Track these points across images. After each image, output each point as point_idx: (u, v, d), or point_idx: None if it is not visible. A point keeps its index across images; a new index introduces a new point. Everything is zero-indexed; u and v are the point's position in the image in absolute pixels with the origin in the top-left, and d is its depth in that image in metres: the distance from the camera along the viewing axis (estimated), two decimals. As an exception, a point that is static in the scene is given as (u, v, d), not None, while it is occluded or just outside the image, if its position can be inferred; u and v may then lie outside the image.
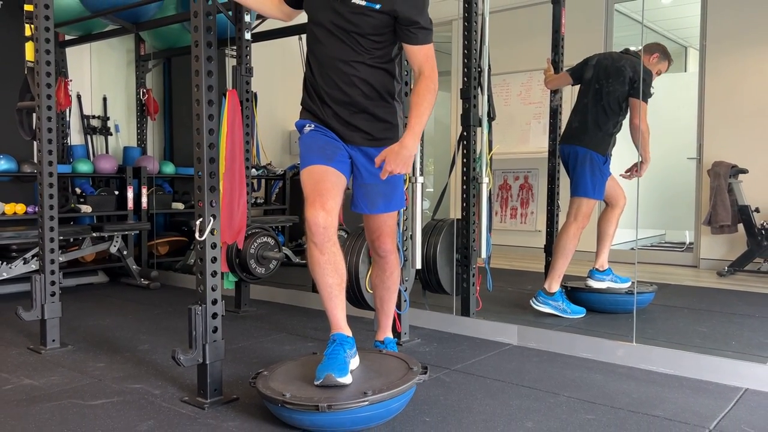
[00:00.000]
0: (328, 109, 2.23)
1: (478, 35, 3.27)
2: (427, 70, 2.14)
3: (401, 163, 2.05)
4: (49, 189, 2.89)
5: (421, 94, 2.11)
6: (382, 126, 2.24)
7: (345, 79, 2.18)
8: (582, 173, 3.52)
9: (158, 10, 4.76)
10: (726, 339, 3.06)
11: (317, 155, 2.19)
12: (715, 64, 5.27)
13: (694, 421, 2.07)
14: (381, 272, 2.50)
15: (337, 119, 2.23)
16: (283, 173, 5.89)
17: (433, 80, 2.13)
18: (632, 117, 3.48)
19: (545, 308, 3.49)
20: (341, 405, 1.87)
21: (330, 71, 2.19)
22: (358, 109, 2.21)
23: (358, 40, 2.15)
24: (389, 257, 2.45)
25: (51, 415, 2.10)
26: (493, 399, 2.26)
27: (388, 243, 2.41)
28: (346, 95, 2.19)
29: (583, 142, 3.52)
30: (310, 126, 2.26)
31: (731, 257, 5.01)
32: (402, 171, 2.07)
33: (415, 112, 2.10)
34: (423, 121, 2.10)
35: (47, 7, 2.87)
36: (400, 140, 2.09)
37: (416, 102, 2.11)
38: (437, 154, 8.16)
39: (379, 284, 2.53)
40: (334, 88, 2.20)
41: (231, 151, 3.31)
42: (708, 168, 5.15)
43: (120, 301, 4.09)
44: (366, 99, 2.20)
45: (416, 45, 2.14)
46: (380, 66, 2.20)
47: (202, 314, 2.16)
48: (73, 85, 5.01)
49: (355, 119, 2.22)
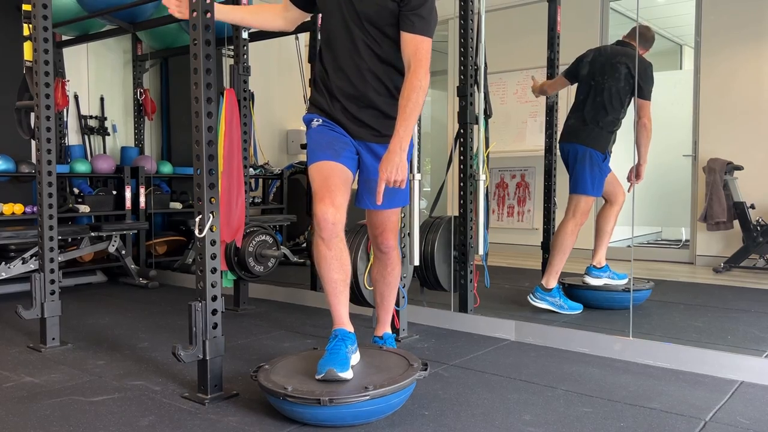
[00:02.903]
0: (337, 103, 2.22)
1: (475, 33, 3.29)
2: (415, 64, 2.05)
3: (394, 171, 2.00)
4: (48, 188, 2.90)
5: (405, 94, 2.04)
6: (389, 123, 2.17)
7: (356, 73, 2.17)
8: (581, 170, 3.53)
9: (155, 10, 4.77)
10: (722, 333, 3.09)
11: (325, 151, 2.19)
12: (710, 62, 5.30)
13: (691, 413, 2.09)
14: (382, 268, 2.50)
15: (345, 114, 2.22)
16: (280, 173, 5.91)
17: (418, 77, 2.04)
18: (641, 117, 3.48)
19: (542, 304, 3.51)
20: (343, 399, 1.89)
21: (343, 63, 2.18)
22: (367, 104, 2.21)
23: (369, 31, 2.14)
24: (391, 253, 2.45)
25: (52, 411, 2.11)
26: (491, 393, 2.28)
27: (391, 239, 2.41)
28: (356, 89, 2.19)
29: (582, 140, 3.53)
30: (318, 121, 2.26)
31: (727, 254, 5.04)
32: (399, 178, 2.01)
33: (400, 115, 2.04)
34: (409, 124, 2.03)
35: (45, 6, 2.87)
36: (389, 147, 2.03)
37: (401, 104, 2.05)
38: (434, 151, 8.18)
39: (380, 279, 2.53)
40: (345, 81, 2.19)
41: (229, 151, 3.32)
42: (703, 165, 5.18)
43: (119, 301, 4.10)
44: (375, 94, 2.19)
45: (410, 33, 2.08)
46: (390, 62, 2.18)
47: (202, 310, 2.17)
48: (70, 85, 5.02)
49: (362, 114, 2.22)
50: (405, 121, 2.03)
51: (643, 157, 3.56)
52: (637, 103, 3.47)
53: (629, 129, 3.59)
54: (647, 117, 3.47)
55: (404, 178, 2.03)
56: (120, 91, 5.49)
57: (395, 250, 2.46)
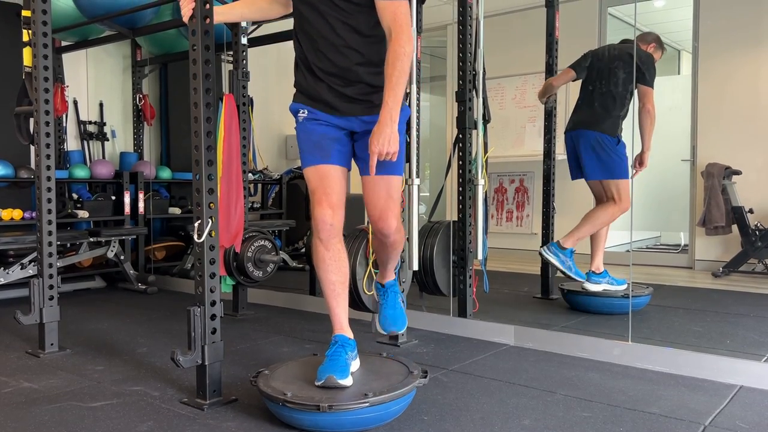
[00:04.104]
0: (321, 83, 2.16)
1: (473, 39, 3.30)
2: (396, 31, 2.00)
3: (386, 143, 1.94)
4: (47, 194, 2.90)
5: (390, 62, 1.98)
6: (378, 94, 2.06)
7: (335, 51, 2.11)
8: (607, 157, 3.58)
9: (155, 15, 4.78)
10: (721, 338, 3.09)
11: (314, 153, 2.18)
12: (708, 67, 5.31)
13: (690, 417, 2.09)
14: (383, 246, 2.38)
15: (331, 93, 2.15)
16: (279, 178, 5.91)
17: (401, 43, 1.98)
18: (644, 103, 3.55)
19: (553, 258, 3.54)
20: (342, 405, 1.89)
21: (321, 44, 2.12)
22: (352, 80, 2.14)
23: (339, 5, 2.08)
24: (393, 237, 2.28)
25: (51, 416, 2.11)
26: (490, 398, 2.28)
27: (392, 222, 2.23)
28: (338, 67, 2.12)
29: (592, 126, 3.60)
30: (303, 113, 2.21)
31: (726, 258, 5.04)
32: (392, 149, 1.96)
33: (387, 85, 1.98)
34: (397, 93, 1.97)
35: (45, 12, 2.88)
36: (378, 119, 1.98)
37: (387, 73, 1.99)
38: (433, 156, 8.19)
39: (380, 252, 2.45)
40: (326, 61, 2.13)
41: (228, 156, 3.33)
42: (702, 170, 5.18)
43: (117, 306, 4.10)
44: (358, 67, 2.12)
45: (385, 0, 2.02)
46: (368, 33, 2.11)
47: (201, 315, 2.17)
48: (69, 90, 5.03)
49: (350, 90, 2.14)
50: (392, 90, 1.97)
51: (646, 144, 3.61)
52: (639, 90, 3.53)
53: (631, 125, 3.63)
54: (651, 103, 3.53)
55: (396, 150, 1.97)
56: (119, 96, 5.49)
57: (398, 233, 2.30)
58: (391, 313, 2.51)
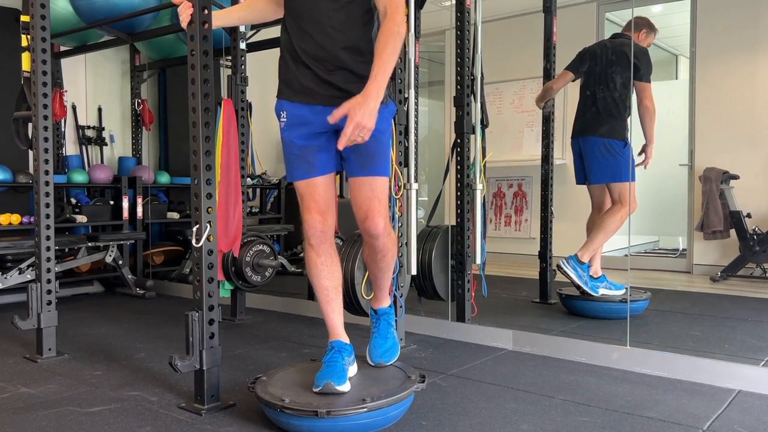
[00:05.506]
0: (305, 70, 2.09)
1: (471, 44, 3.31)
2: (391, 11, 1.97)
3: (366, 115, 1.85)
4: (46, 198, 2.90)
5: (383, 39, 1.94)
6: (360, 83, 1.96)
7: (322, 32, 2.04)
8: (614, 161, 3.58)
9: (153, 20, 4.78)
10: (719, 342, 3.09)
11: (299, 168, 2.15)
12: (706, 72, 5.33)
13: (688, 422, 2.09)
14: (373, 253, 2.26)
15: (315, 79, 2.08)
16: (278, 182, 5.91)
17: (396, 22, 1.95)
18: (642, 99, 3.57)
19: (571, 272, 3.54)
20: (340, 411, 1.89)
21: (307, 25, 2.06)
22: (336, 66, 2.06)
23: None
24: (381, 239, 2.18)
25: (48, 422, 2.10)
26: (488, 402, 2.28)
27: (378, 222, 2.14)
28: (324, 49, 2.05)
29: (602, 133, 3.62)
30: (284, 117, 2.18)
31: (724, 262, 5.04)
32: (368, 124, 1.86)
33: (377, 60, 1.93)
34: (387, 69, 1.92)
35: (44, 17, 2.89)
36: (364, 90, 1.89)
37: (378, 49, 1.94)
38: (431, 161, 8.19)
39: (371, 263, 2.32)
40: (311, 43, 2.06)
41: (226, 160, 3.33)
42: (700, 174, 5.20)
43: (116, 311, 4.09)
44: (343, 52, 2.05)
45: None
46: (356, 17, 2.06)
47: (199, 320, 2.17)
48: (68, 95, 5.03)
49: (333, 77, 2.07)
50: (382, 66, 1.92)
51: (649, 138, 3.64)
52: (636, 87, 3.55)
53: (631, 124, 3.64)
54: (648, 99, 3.56)
55: (371, 128, 1.88)
56: (118, 101, 5.50)
57: (386, 236, 2.19)
58: (381, 343, 2.34)
